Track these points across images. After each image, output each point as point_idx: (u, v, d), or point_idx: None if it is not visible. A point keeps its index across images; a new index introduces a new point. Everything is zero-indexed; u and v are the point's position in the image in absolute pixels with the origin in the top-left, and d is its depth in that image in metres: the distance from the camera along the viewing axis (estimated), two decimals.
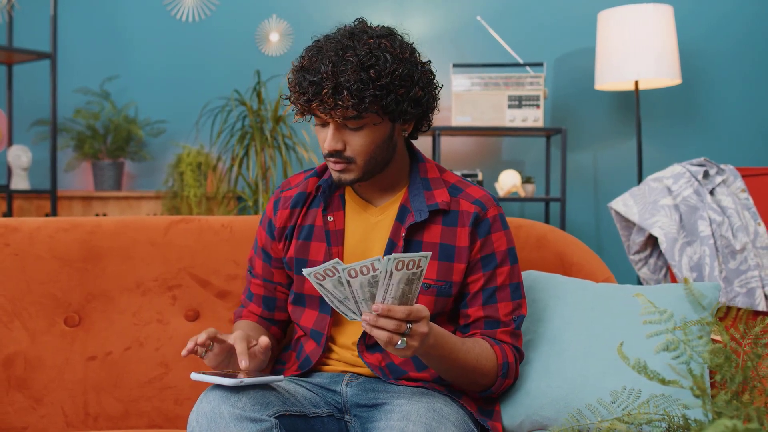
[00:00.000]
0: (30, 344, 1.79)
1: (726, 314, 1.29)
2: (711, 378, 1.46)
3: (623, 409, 1.13)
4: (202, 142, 3.78)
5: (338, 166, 1.46)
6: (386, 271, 1.22)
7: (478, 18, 3.75)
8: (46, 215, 3.57)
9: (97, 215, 3.59)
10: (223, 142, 3.67)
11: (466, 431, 1.41)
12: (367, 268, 1.23)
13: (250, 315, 1.67)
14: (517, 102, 3.52)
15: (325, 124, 1.45)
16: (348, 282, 1.23)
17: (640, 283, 2.89)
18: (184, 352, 1.36)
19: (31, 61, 3.53)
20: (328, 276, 1.23)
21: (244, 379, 1.28)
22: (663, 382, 0.99)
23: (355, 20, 1.49)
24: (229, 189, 3.62)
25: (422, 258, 1.22)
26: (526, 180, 3.60)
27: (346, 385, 1.51)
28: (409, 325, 1.25)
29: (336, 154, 1.44)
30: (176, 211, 3.61)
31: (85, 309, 1.83)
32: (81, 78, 3.87)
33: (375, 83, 1.38)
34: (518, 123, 3.51)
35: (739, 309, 2.38)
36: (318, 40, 1.45)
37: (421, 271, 1.23)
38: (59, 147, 3.65)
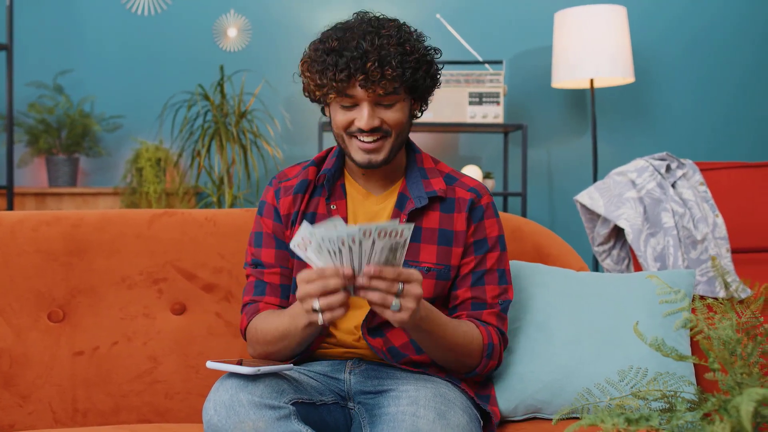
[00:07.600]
0: (15, 341, 1.75)
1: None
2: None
3: (631, 387, 1.18)
4: (161, 137, 3.73)
5: (373, 145, 1.49)
6: (370, 239, 1.23)
7: (438, 16, 3.80)
8: None
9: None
10: (183, 137, 3.62)
11: (471, 415, 1.44)
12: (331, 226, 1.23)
13: (268, 307, 1.57)
14: (478, 99, 3.58)
15: (353, 105, 1.48)
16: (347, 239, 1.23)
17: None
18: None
19: None
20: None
21: (261, 368, 1.29)
22: (680, 357, 1.05)
23: (355, 13, 1.52)
24: (191, 185, 3.57)
25: (405, 228, 1.23)
26: (486, 175, 3.67)
27: (350, 373, 1.53)
28: (401, 286, 1.26)
29: (374, 129, 1.48)
30: (135, 207, 3.55)
31: (70, 304, 1.80)
32: (32, 71, 3.76)
33: (411, 56, 1.46)
34: (479, 119, 3.57)
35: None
36: (335, 29, 1.48)
37: (405, 240, 1.25)
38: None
